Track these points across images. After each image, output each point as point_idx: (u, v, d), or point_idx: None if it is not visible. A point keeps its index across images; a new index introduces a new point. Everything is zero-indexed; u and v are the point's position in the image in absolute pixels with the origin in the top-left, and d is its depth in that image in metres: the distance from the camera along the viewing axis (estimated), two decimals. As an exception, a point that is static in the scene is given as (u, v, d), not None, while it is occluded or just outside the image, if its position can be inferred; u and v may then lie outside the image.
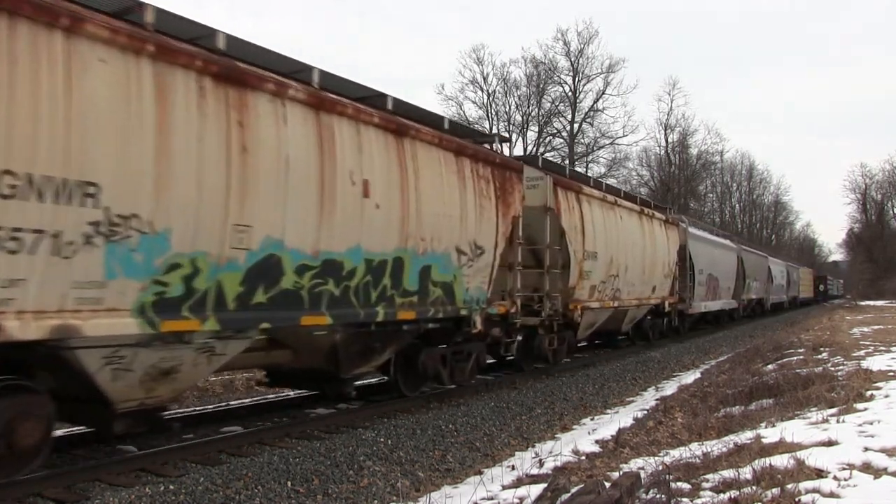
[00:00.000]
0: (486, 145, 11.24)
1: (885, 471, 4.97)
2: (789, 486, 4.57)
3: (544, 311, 12.52)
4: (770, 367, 12.84)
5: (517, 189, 11.10)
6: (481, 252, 10.00)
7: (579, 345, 16.60)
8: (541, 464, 6.95)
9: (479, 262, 9.97)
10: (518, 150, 40.80)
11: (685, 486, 5.05)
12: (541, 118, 49.24)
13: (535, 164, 13.12)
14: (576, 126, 49.17)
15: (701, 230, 23.68)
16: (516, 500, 5.48)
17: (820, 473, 4.91)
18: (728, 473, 5.08)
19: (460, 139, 9.98)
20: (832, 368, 10.97)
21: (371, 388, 10.94)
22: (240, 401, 10.32)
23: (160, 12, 6.04)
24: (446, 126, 9.81)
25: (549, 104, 49.38)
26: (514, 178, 11.02)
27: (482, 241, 10.04)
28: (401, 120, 8.63)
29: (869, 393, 8.32)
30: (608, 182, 35.21)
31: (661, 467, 5.71)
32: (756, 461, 5.25)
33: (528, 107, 49.16)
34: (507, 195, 10.72)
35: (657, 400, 11.30)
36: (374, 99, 8.47)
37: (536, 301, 12.57)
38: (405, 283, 8.60)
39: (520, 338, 12.06)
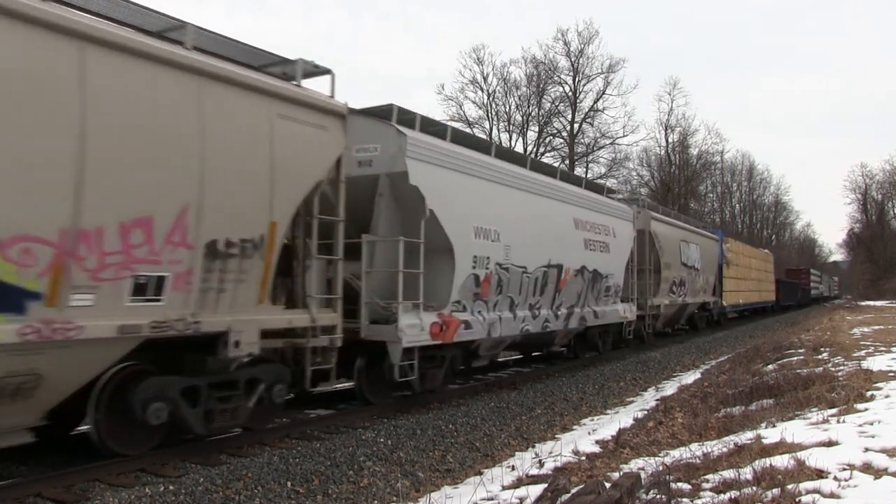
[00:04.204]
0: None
1: (885, 471, 4.96)
2: (790, 487, 4.56)
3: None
4: (770, 367, 12.83)
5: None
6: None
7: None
8: (541, 464, 6.94)
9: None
10: (517, 151, 40.51)
11: (685, 486, 5.04)
12: (541, 118, 49.13)
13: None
14: (576, 126, 49.03)
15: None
16: (516, 501, 5.48)
17: (820, 474, 4.90)
18: (728, 474, 5.07)
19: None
20: (832, 369, 10.96)
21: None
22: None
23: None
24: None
25: (549, 104, 49.25)
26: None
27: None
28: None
29: (869, 393, 8.31)
30: (608, 183, 35.05)
31: (661, 468, 5.70)
32: (756, 461, 5.25)
33: (528, 107, 49.03)
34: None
35: (657, 400, 11.29)
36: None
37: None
38: None
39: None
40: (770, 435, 6.33)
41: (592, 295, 14.49)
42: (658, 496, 4.62)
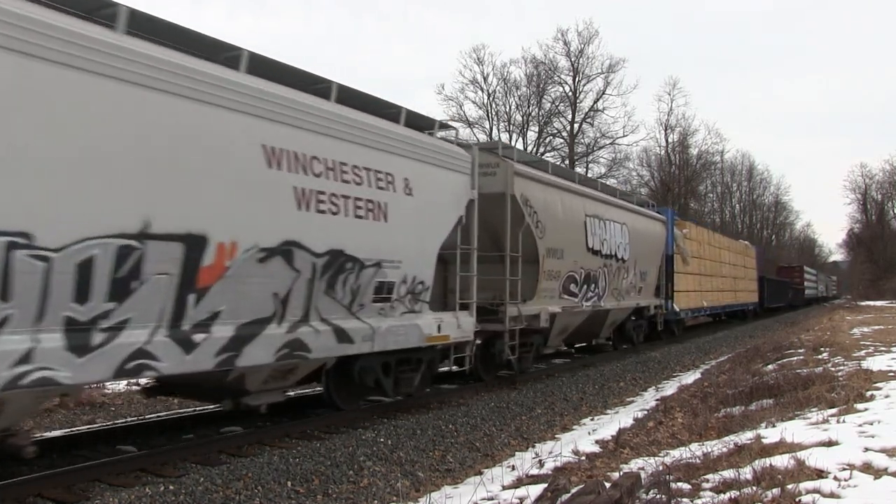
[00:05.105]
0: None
1: (885, 471, 4.96)
2: (790, 487, 4.56)
3: None
4: (770, 367, 12.84)
5: None
6: None
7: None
8: (541, 464, 6.95)
9: None
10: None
11: (685, 486, 5.05)
12: (541, 118, 49.13)
13: None
14: (576, 126, 49.06)
15: None
16: (516, 501, 5.48)
17: (820, 474, 4.90)
18: (728, 474, 5.07)
19: None
20: (832, 369, 10.96)
21: None
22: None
23: None
24: None
25: (549, 104, 49.25)
26: None
27: None
28: None
29: (869, 393, 8.31)
30: (609, 183, 34.84)
31: (661, 467, 5.71)
32: (756, 461, 5.25)
33: (529, 107, 49.03)
34: None
35: (657, 400, 11.29)
36: None
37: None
38: None
39: None
40: (770, 435, 6.34)
41: (334, 300, 7.66)
42: (658, 496, 4.62)
